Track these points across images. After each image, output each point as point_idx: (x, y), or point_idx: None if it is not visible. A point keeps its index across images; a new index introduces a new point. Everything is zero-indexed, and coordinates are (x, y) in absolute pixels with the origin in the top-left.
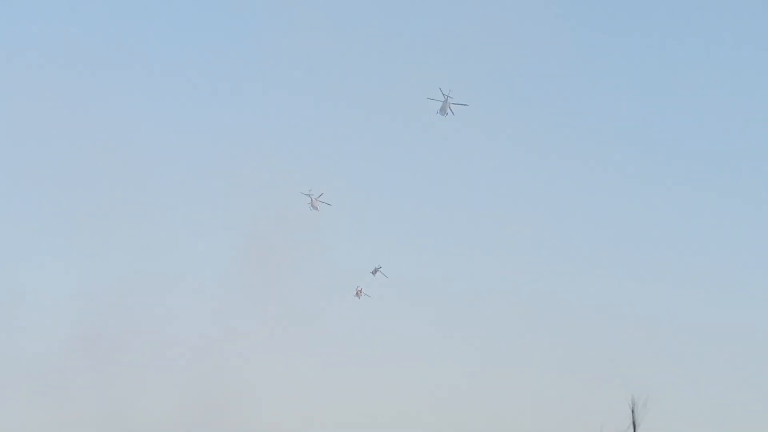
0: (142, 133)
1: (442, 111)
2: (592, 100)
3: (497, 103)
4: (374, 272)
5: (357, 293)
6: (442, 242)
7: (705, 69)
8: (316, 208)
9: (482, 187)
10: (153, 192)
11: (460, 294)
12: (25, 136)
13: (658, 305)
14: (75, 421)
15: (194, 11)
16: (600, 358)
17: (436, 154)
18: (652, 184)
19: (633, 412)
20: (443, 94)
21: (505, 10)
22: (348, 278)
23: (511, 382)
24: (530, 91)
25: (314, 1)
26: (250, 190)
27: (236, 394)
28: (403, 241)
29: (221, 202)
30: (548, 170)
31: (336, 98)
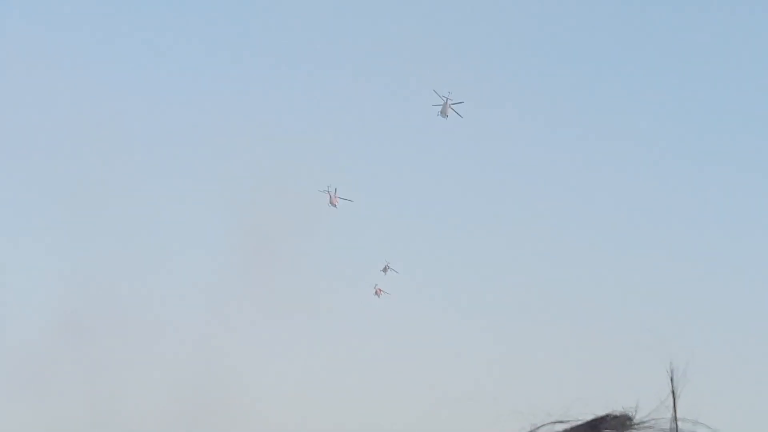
0: (132, 106)
1: (443, 113)
2: (600, 91)
3: (504, 93)
4: (385, 270)
5: (376, 292)
6: (457, 232)
7: (712, 63)
8: (335, 205)
9: (494, 176)
10: (143, 170)
11: (478, 279)
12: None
13: (697, 266)
14: (58, 415)
15: None
16: (635, 324)
17: (444, 148)
18: (678, 159)
19: (672, 380)
20: (443, 97)
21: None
22: (355, 267)
23: (540, 359)
24: (537, 83)
25: None
26: (249, 170)
27: (232, 388)
28: (415, 234)
29: (217, 182)
30: (568, 146)
31: (343, 89)
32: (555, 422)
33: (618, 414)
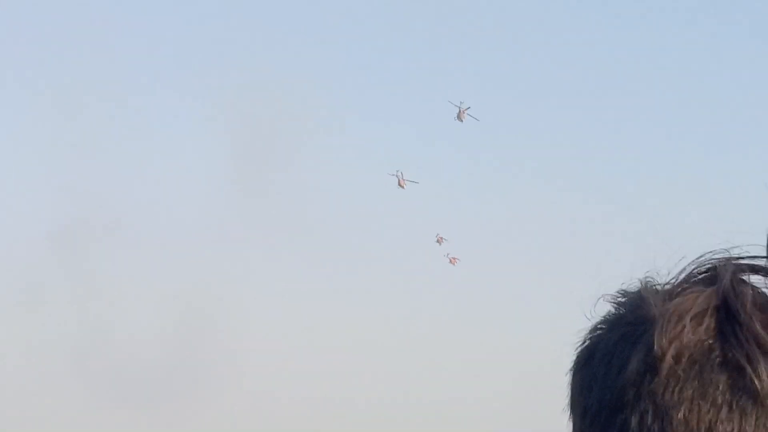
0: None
1: (459, 118)
2: None
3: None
4: (439, 241)
5: (451, 261)
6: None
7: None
8: (403, 187)
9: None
10: (139, 73)
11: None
12: None
13: None
14: (48, 338)
15: None
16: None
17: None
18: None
19: None
20: (457, 105)
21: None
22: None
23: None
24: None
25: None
26: (252, 79)
27: (233, 315)
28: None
29: (217, 89)
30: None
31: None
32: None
33: None
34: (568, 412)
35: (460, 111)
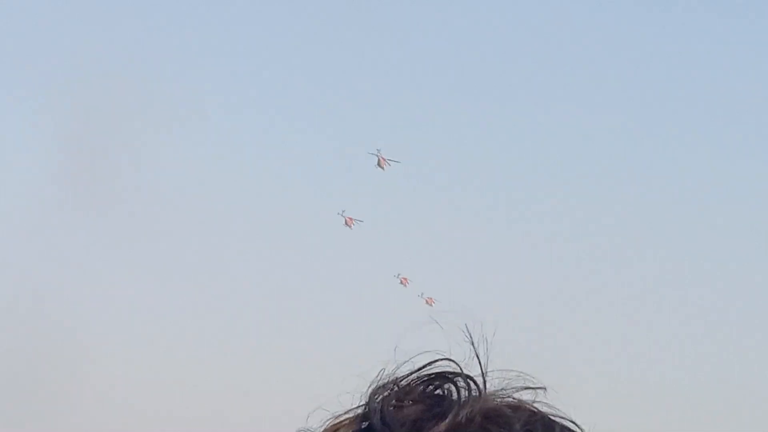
0: None
1: (379, 165)
2: None
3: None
4: (402, 282)
5: (427, 302)
6: None
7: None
8: (351, 227)
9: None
10: None
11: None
12: None
13: None
14: None
15: None
16: None
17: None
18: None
19: None
20: (374, 153)
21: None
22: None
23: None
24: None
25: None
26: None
27: (65, 334)
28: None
29: (47, 80)
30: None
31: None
32: None
33: None
34: None
35: (379, 159)
